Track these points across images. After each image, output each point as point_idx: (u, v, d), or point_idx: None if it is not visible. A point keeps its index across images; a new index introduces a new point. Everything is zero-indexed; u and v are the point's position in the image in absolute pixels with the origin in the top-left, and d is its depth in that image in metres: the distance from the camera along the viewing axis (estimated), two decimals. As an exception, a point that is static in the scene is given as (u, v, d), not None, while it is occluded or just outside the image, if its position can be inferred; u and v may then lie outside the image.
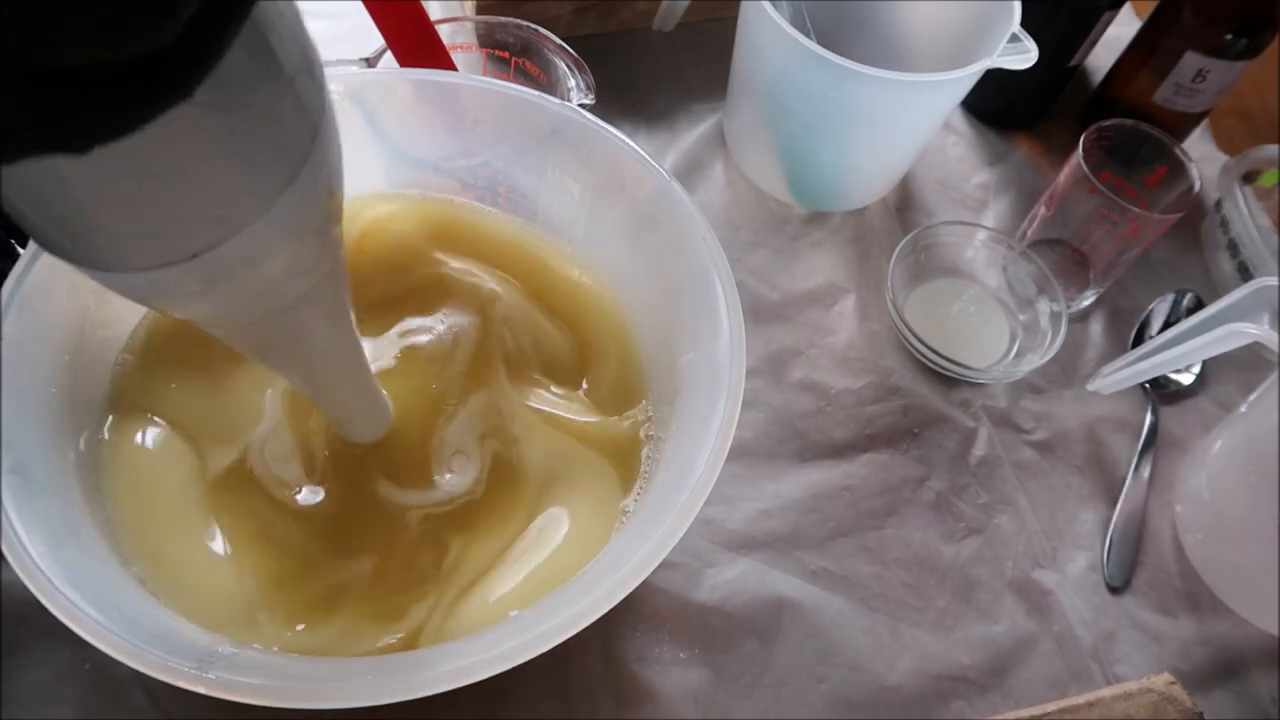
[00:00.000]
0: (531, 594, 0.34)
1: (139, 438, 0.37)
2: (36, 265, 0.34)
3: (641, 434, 0.41)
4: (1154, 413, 0.56)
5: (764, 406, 0.52)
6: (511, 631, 0.30)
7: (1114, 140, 0.56)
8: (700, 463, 0.33)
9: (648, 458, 0.40)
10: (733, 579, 0.46)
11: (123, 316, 0.39)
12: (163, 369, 0.39)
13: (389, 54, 0.46)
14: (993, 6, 0.52)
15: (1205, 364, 0.58)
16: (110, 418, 0.38)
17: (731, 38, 0.56)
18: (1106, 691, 0.43)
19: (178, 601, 0.34)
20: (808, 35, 0.51)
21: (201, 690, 0.28)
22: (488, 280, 0.43)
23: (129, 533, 0.35)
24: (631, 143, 0.41)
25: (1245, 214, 0.60)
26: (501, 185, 0.45)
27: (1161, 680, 0.43)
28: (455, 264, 0.43)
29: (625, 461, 0.40)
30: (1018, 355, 0.57)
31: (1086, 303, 0.59)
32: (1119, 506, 0.52)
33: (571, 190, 0.43)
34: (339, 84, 0.41)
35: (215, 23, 0.17)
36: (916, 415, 0.54)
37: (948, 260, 0.59)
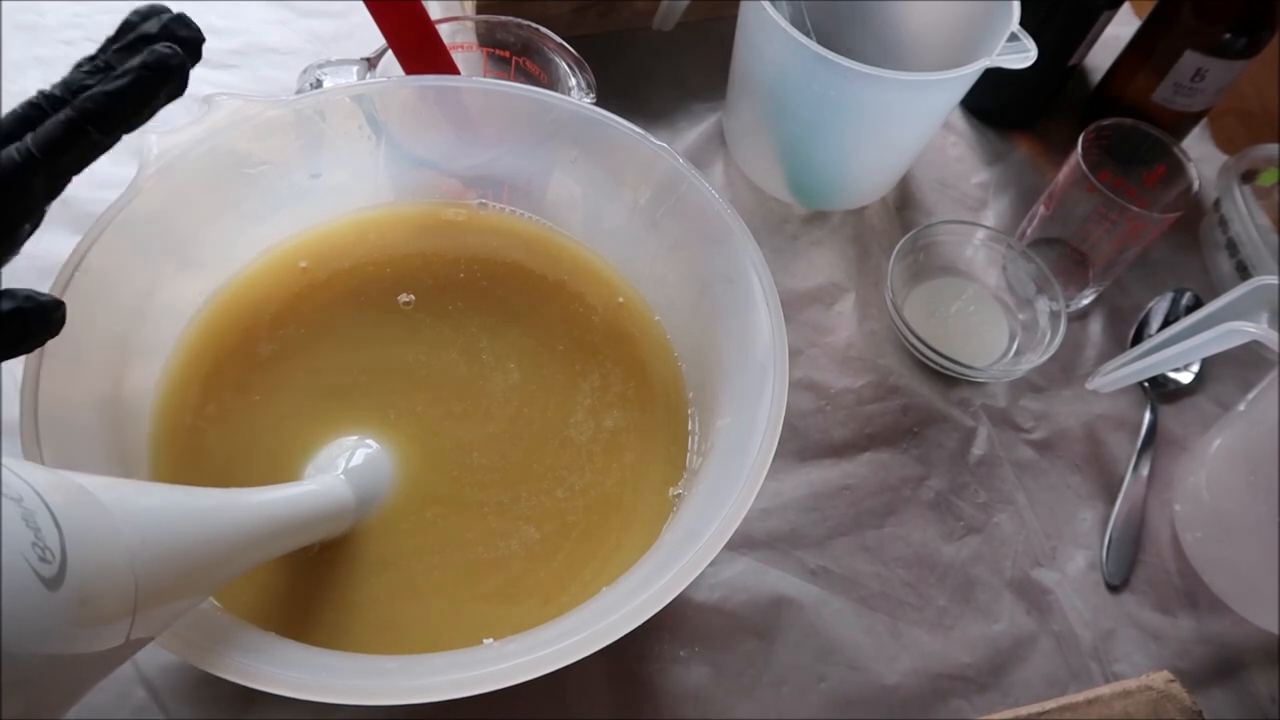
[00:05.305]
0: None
1: None
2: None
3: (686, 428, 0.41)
4: (1153, 411, 0.56)
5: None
6: (559, 634, 0.31)
7: (1113, 139, 0.56)
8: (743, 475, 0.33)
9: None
10: (732, 578, 0.46)
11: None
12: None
13: (390, 53, 0.46)
14: (992, 6, 0.52)
15: (1204, 363, 0.58)
16: None
17: (731, 37, 0.56)
18: (1106, 689, 0.43)
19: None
20: (807, 35, 0.51)
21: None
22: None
23: None
24: (645, 133, 0.41)
25: (1244, 213, 0.60)
26: (506, 183, 0.45)
27: (1161, 678, 0.43)
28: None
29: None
30: (1017, 354, 0.57)
31: (1086, 302, 0.59)
32: (1118, 505, 0.52)
33: (593, 184, 0.44)
34: (346, 93, 0.41)
35: None
36: (916, 414, 0.54)
37: (947, 259, 0.59)
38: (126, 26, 0.30)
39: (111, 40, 0.30)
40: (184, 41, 0.30)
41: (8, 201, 0.28)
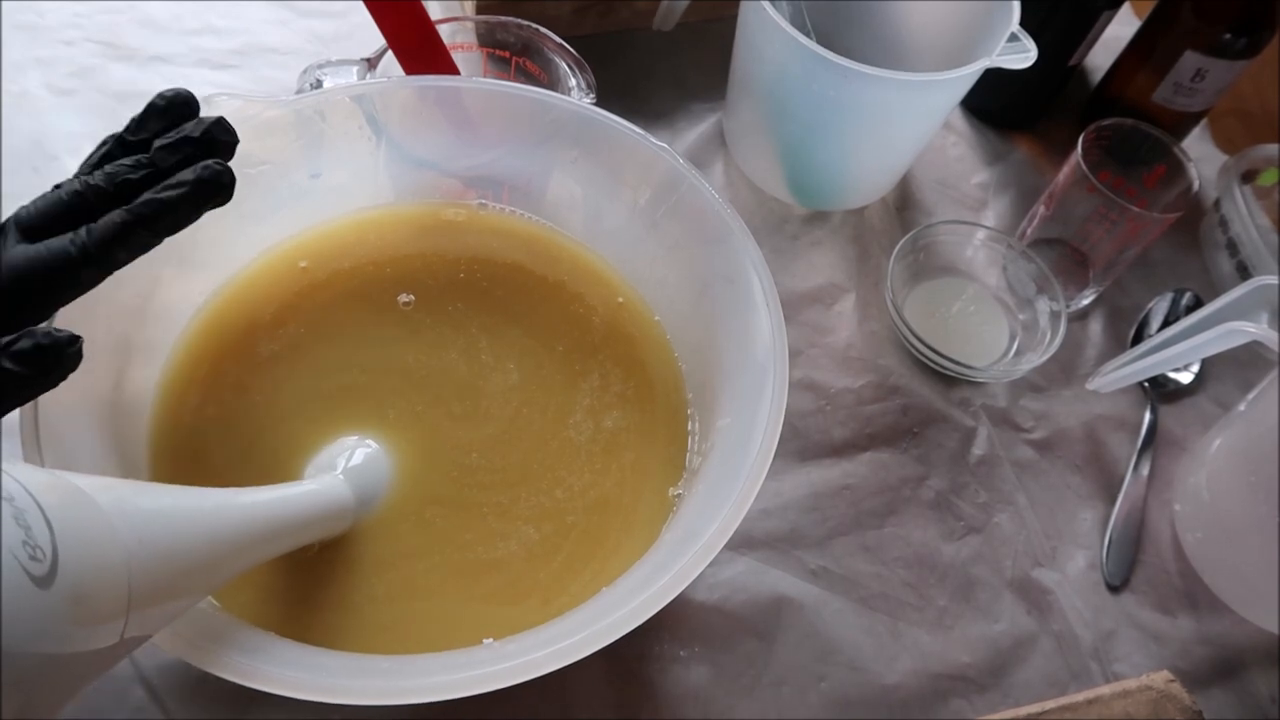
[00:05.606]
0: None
1: None
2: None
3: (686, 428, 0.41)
4: (1153, 411, 0.56)
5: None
6: (558, 635, 0.31)
7: (1113, 139, 0.56)
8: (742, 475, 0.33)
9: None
10: (732, 578, 0.46)
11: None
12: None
13: (390, 53, 0.46)
14: (992, 6, 0.52)
15: (1204, 363, 0.58)
16: None
17: (731, 38, 0.56)
18: (1106, 690, 0.43)
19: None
20: (807, 35, 0.51)
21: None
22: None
23: None
24: (645, 133, 0.41)
25: (1244, 213, 0.60)
26: (506, 183, 0.45)
27: (1161, 678, 0.43)
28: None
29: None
30: (1017, 354, 0.57)
31: (1086, 302, 0.59)
32: (1118, 505, 0.52)
33: (593, 184, 0.44)
34: (346, 93, 0.41)
35: None
36: (916, 414, 0.54)
37: (947, 259, 0.59)
38: (152, 110, 0.32)
39: (138, 122, 0.32)
40: (222, 145, 0.32)
41: (59, 289, 0.29)
